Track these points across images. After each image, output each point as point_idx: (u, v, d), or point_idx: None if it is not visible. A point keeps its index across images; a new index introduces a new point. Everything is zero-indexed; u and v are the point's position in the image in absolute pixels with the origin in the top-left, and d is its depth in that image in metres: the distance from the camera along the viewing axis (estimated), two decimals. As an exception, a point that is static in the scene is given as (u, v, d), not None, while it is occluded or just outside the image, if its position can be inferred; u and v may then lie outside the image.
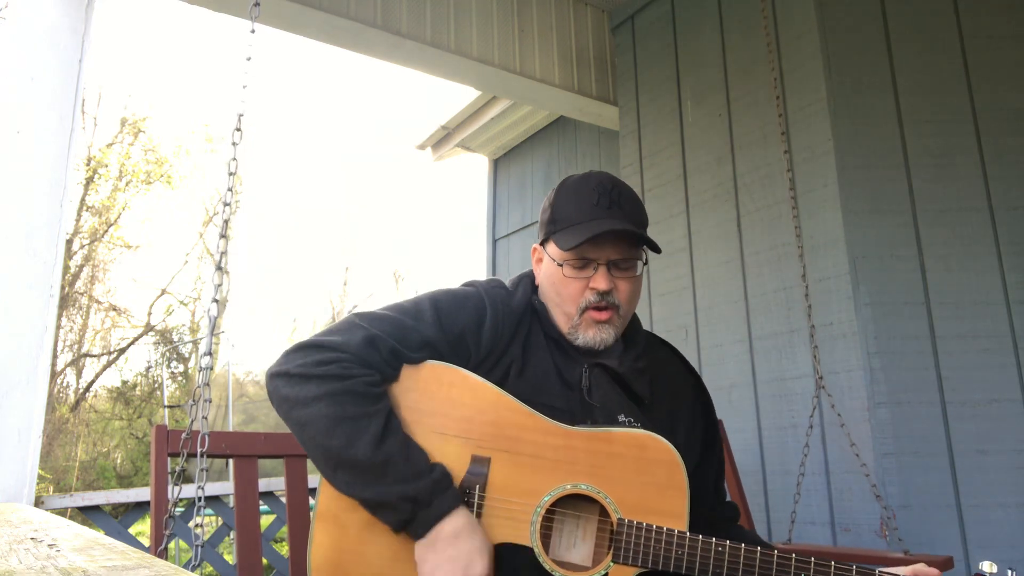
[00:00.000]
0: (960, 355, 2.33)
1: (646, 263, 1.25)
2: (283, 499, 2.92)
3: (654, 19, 3.46)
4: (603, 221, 1.15)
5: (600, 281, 1.16)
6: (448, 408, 1.09)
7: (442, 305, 1.17)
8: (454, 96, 5.10)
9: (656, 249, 1.18)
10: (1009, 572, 1.00)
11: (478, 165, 5.75)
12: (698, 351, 2.97)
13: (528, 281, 1.26)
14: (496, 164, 5.60)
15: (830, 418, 2.39)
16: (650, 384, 1.22)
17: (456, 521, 1.01)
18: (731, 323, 2.83)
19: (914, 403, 2.30)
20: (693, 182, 3.12)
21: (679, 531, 1.04)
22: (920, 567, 1.05)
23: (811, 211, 2.56)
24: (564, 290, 1.19)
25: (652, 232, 3.24)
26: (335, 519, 1.06)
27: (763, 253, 2.74)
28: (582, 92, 3.74)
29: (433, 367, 1.12)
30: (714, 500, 1.28)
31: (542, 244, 1.25)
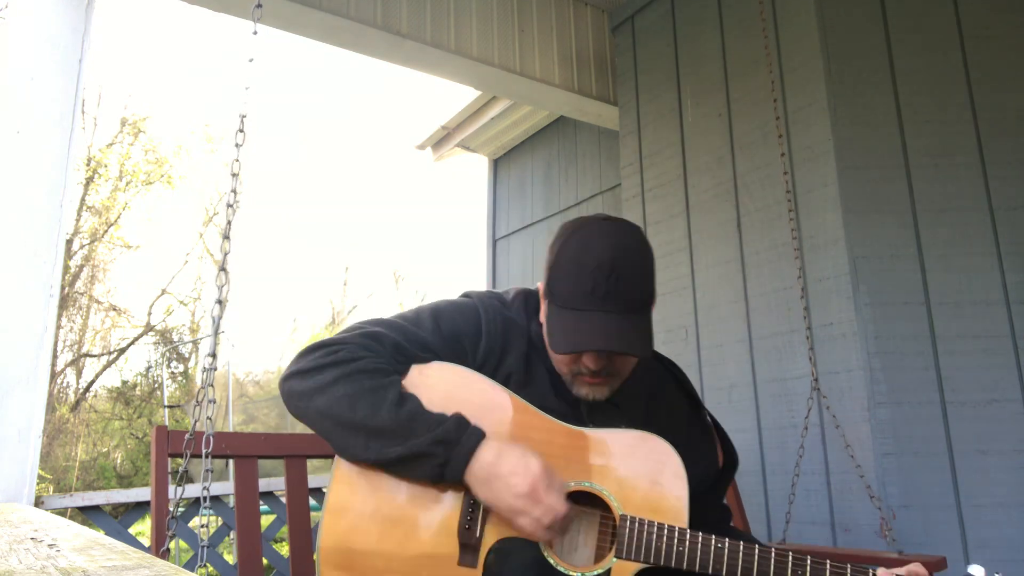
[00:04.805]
0: (960, 355, 2.33)
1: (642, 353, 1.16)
2: (283, 499, 2.92)
3: (654, 19, 3.46)
4: (591, 329, 1.08)
5: (590, 362, 1.12)
6: (456, 406, 1.11)
7: (441, 313, 1.21)
8: (454, 96, 5.12)
9: (643, 354, 1.12)
10: None
11: (478, 165, 5.75)
12: (698, 351, 2.97)
13: (522, 300, 1.27)
14: (496, 164, 5.59)
15: (830, 418, 2.39)
16: (646, 405, 1.25)
17: (489, 446, 1.05)
18: (731, 323, 2.83)
19: (914, 403, 2.30)
20: (693, 182, 3.12)
21: (680, 528, 1.07)
22: (914, 567, 1.07)
23: (811, 211, 2.56)
24: (555, 356, 1.17)
25: (652, 232, 3.25)
26: (346, 511, 1.08)
27: (763, 253, 2.74)
28: (582, 92, 3.74)
29: (441, 366, 1.16)
30: (709, 501, 1.28)
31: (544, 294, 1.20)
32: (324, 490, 2.92)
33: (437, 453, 1.04)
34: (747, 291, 2.79)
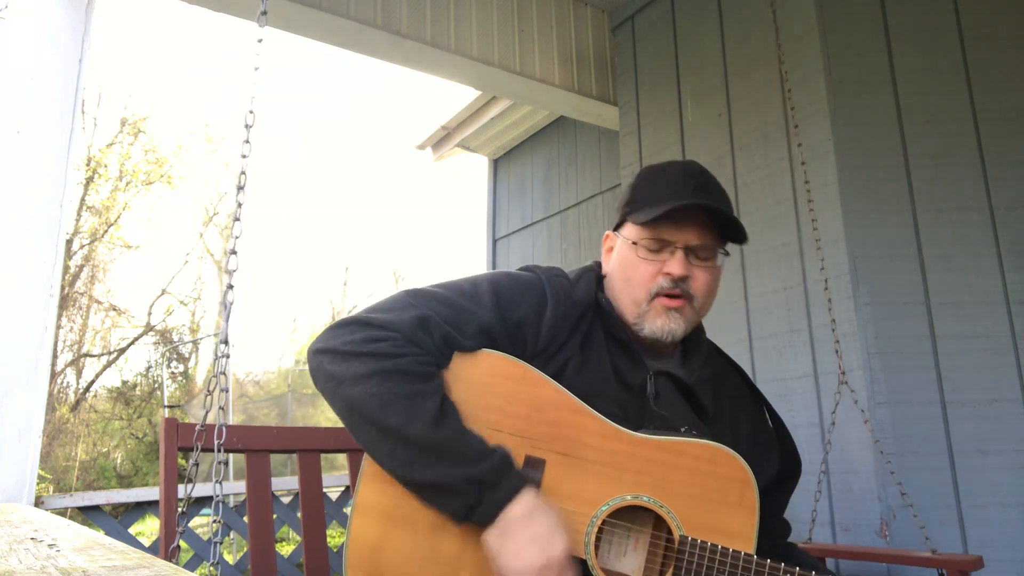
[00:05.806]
0: (960, 355, 2.33)
1: (727, 254, 1.17)
2: (284, 499, 2.92)
3: (654, 19, 3.46)
4: (688, 201, 1.09)
5: (675, 266, 1.08)
6: (503, 403, 1.01)
7: (503, 290, 1.09)
8: (454, 96, 5.14)
9: (742, 238, 1.11)
10: None
11: (478, 165, 5.75)
12: (698, 351, 2.96)
13: (591, 276, 1.18)
14: (496, 164, 5.60)
15: (831, 417, 2.39)
16: (713, 396, 1.16)
17: (526, 500, 0.94)
18: (731, 323, 2.83)
19: (914, 403, 2.30)
20: (693, 182, 3.11)
21: (746, 553, 0.98)
22: None
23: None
24: (635, 273, 1.11)
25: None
26: (379, 514, 0.99)
27: (763, 253, 2.74)
28: (582, 92, 3.74)
29: (489, 356, 1.04)
30: (775, 522, 1.20)
31: (615, 229, 1.19)
32: (325, 491, 2.91)
33: (468, 492, 0.93)
34: (747, 291, 2.79)
